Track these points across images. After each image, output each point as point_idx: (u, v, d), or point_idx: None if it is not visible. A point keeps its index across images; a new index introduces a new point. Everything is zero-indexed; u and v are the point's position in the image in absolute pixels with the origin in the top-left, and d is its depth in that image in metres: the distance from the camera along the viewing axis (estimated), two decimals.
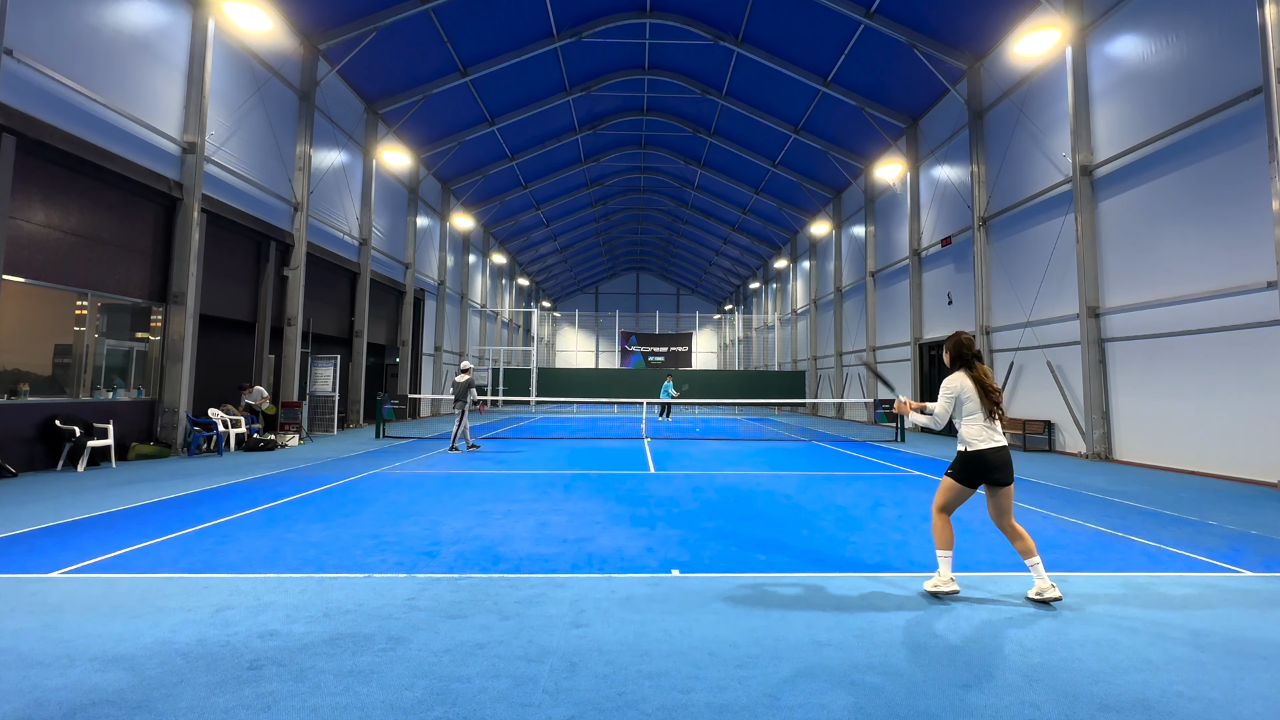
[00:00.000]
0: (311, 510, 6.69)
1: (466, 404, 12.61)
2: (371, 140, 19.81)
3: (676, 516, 6.56)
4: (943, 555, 4.01)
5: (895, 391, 4.82)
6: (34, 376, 10.00)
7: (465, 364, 12.84)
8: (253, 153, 14.11)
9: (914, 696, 2.76)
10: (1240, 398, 9.51)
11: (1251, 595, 4.18)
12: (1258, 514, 6.96)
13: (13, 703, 2.63)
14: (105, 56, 10.31)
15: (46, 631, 3.38)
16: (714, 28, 19.39)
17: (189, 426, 11.75)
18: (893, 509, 7.05)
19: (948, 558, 4.00)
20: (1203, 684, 2.91)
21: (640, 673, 2.96)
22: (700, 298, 56.81)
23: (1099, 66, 12.37)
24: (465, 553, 5.05)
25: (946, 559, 4.00)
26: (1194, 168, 10.33)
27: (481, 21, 17.74)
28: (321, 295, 17.74)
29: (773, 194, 29.60)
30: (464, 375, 12.61)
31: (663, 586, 4.27)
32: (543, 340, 49.06)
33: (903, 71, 17.77)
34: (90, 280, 10.35)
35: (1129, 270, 11.61)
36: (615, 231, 44.23)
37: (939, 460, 11.90)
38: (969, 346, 4.18)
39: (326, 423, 16.79)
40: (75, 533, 5.60)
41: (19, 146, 8.88)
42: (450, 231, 27.57)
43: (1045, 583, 3.89)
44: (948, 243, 18.16)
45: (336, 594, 4.03)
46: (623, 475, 9.56)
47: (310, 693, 2.74)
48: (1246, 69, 9.31)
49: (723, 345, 53.55)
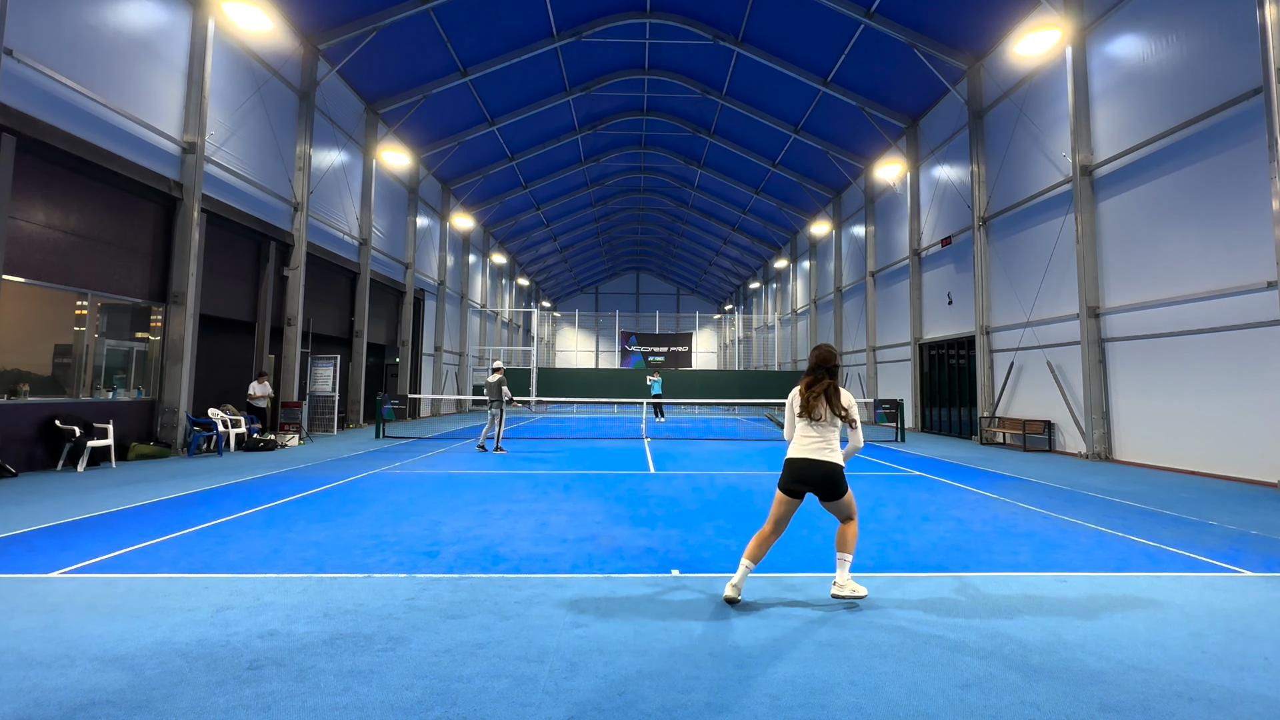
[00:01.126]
0: (311, 510, 6.69)
1: (502, 403, 12.27)
2: (371, 140, 19.81)
3: (677, 516, 6.56)
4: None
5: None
6: (34, 376, 10.00)
7: (498, 363, 12.43)
8: (253, 153, 14.11)
9: (914, 696, 2.76)
10: (1240, 398, 9.51)
11: (1251, 595, 4.18)
12: (1258, 514, 6.95)
13: (13, 703, 2.63)
14: (105, 56, 10.31)
15: (46, 631, 3.38)
16: (714, 28, 19.39)
17: (189, 426, 11.75)
18: (893, 509, 7.04)
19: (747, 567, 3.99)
20: (1203, 684, 2.91)
21: (640, 673, 2.96)
22: (700, 298, 56.80)
23: (1099, 66, 12.37)
24: (465, 553, 5.05)
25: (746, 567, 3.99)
26: (1194, 168, 10.33)
27: (481, 21, 17.74)
28: (321, 295, 17.74)
29: (773, 194, 29.59)
30: (496, 374, 12.19)
31: (663, 587, 4.27)
32: (543, 340, 49.07)
33: (903, 71, 17.77)
34: (90, 280, 10.35)
35: (1129, 270, 11.61)
36: (615, 231, 44.22)
37: (939, 460, 11.90)
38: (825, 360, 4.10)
39: (326, 423, 16.79)
40: (75, 533, 5.60)
41: (19, 146, 8.88)
42: (450, 231, 27.57)
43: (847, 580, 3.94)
44: (948, 243, 18.16)
45: (336, 594, 4.03)
46: (623, 475, 9.56)
47: (310, 693, 2.74)
48: (1246, 69, 9.31)
49: (723, 345, 53.54)
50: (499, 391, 12.15)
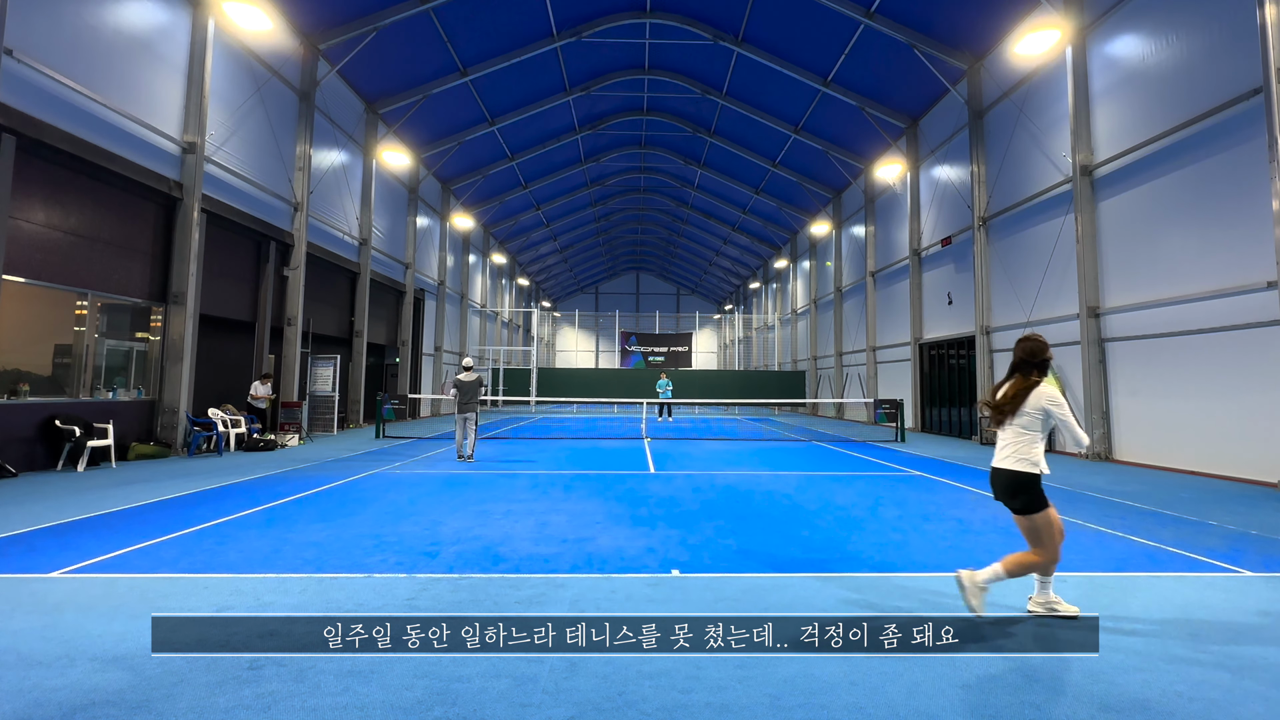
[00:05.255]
0: (311, 510, 6.69)
1: (477, 405, 11.17)
2: (371, 140, 19.81)
3: (676, 517, 6.56)
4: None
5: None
6: (34, 376, 10.00)
7: (468, 360, 11.25)
8: (253, 153, 14.11)
9: (914, 696, 2.76)
10: (1240, 398, 9.51)
11: (1251, 595, 4.18)
12: (1258, 514, 6.95)
13: (13, 703, 2.63)
14: (105, 56, 10.31)
15: (46, 631, 3.38)
16: (714, 28, 19.39)
17: (189, 426, 11.75)
18: (893, 509, 7.04)
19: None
20: (1203, 684, 2.91)
21: (640, 673, 2.96)
22: (700, 298, 56.79)
23: (1099, 66, 12.37)
24: (465, 553, 5.05)
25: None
26: (1194, 168, 10.33)
27: (481, 21, 17.73)
28: (321, 295, 17.74)
29: (773, 194, 29.59)
30: (469, 374, 11.09)
31: (663, 587, 4.26)
32: (543, 340, 49.05)
33: (903, 71, 17.76)
34: (90, 280, 10.35)
35: (1129, 270, 11.61)
36: (615, 231, 44.22)
37: (939, 460, 11.89)
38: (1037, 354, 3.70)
39: (326, 423, 16.79)
40: (75, 533, 5.60)
41: (19, 146, 8.87)
42: (450, 231, 27.56)
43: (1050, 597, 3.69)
44: (948, 243, 18.16)
45: (336, 594, 4.03)
46: (623, 475, 9.56)
47: (310, 693, 2.74)
48: (1246, 69, 9.31)
49: (723, 345, 53.53)
50: (477, 391, 11.10)
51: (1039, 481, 3.57)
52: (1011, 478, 3.57)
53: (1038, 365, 3.65)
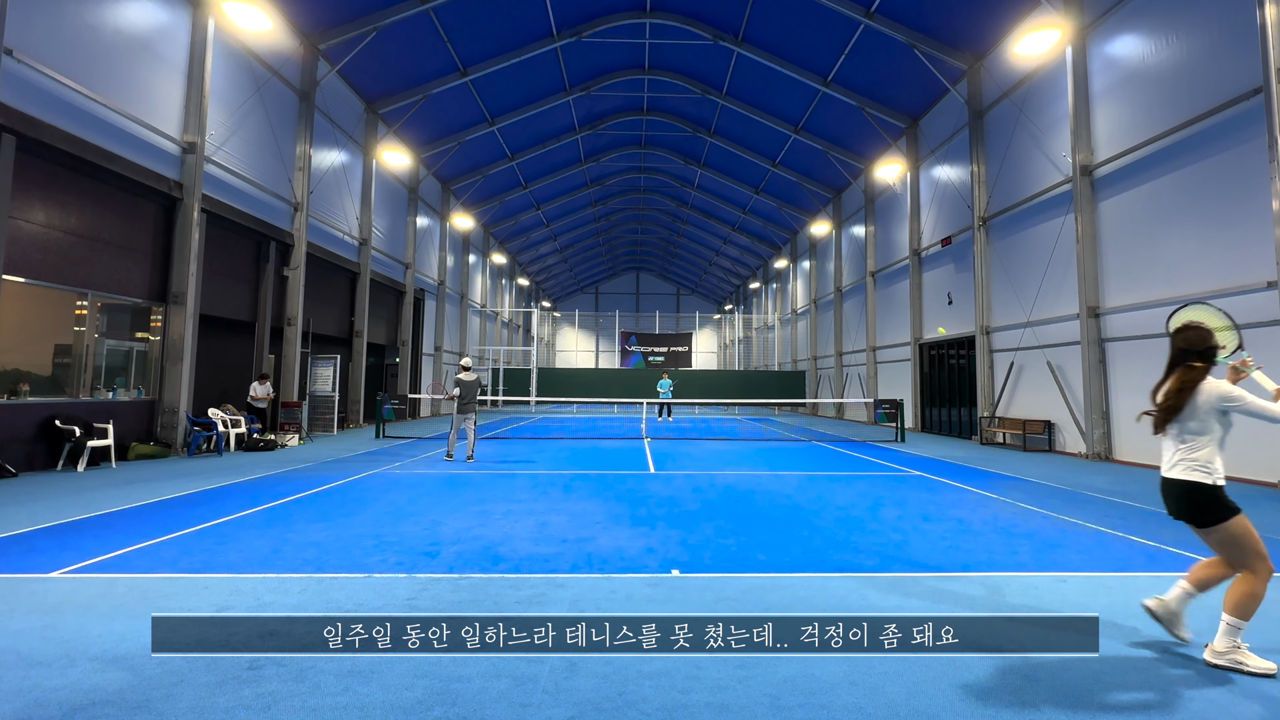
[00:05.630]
0: (311, 510, 6.69)
1: (475, 406, 11.04)
2: (371, 140, 19.81)
3: (677, 517, 6.56)
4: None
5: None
6: (34, 376, 10.00)
7: (466, 360, 11.13)
8: (253, 153, 14.11)
9: (914, 696, 2.76)
10: None
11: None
12: (1258, 514, 6.95)
13: (13, 703, 2.63)
14: (105, 56, 10.31)
15: (46, 631, 3.38)
16: (714, 28, 19.39)
17: (189, 426, 11.74)
18: (893, 509, 7.04)
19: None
20: (1204, 684, 2.91)
21: (640, 673, 2.96)
22: (700, 298, 56.79)
23: (1099, 66, 12.37)
24: (465, 553, 5.05)
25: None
26: (1194, 168, 10.33)
27: (481, 21, 17.73)
28: (321, 295, 17.74)
29: (773, 194, 29.59)
30: (468, 374, 11.00)
31: (663, 587, 4.26)
32: (543, 340, 49.06)
33: (903, 71, 17.76)
34: (90, 280, 10.35)
35: (1129, 270, 11.61)
36: (615, 231, 44.22)
37: (939, 460, 11.89)
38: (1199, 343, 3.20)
39: (326, 423, 16.79)
40: (75, 533, 5.60)
41: (19, 146, 8.87)
42: (450, 231, 27.56)
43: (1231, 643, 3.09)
44: (948, 243, 18.16)
45: (336, 594, 4.02)
46: (623, 475, 9.55)
47: (310, 693, 2.74)
48: (1246, 69, 9.31)
49: (723, 345, 53.53)
50: (476, 391, 11.02)
51: (1220, 493, 3.08)
52: (1185, 489, 3.13)
53: (1201, 354, 3.15)
